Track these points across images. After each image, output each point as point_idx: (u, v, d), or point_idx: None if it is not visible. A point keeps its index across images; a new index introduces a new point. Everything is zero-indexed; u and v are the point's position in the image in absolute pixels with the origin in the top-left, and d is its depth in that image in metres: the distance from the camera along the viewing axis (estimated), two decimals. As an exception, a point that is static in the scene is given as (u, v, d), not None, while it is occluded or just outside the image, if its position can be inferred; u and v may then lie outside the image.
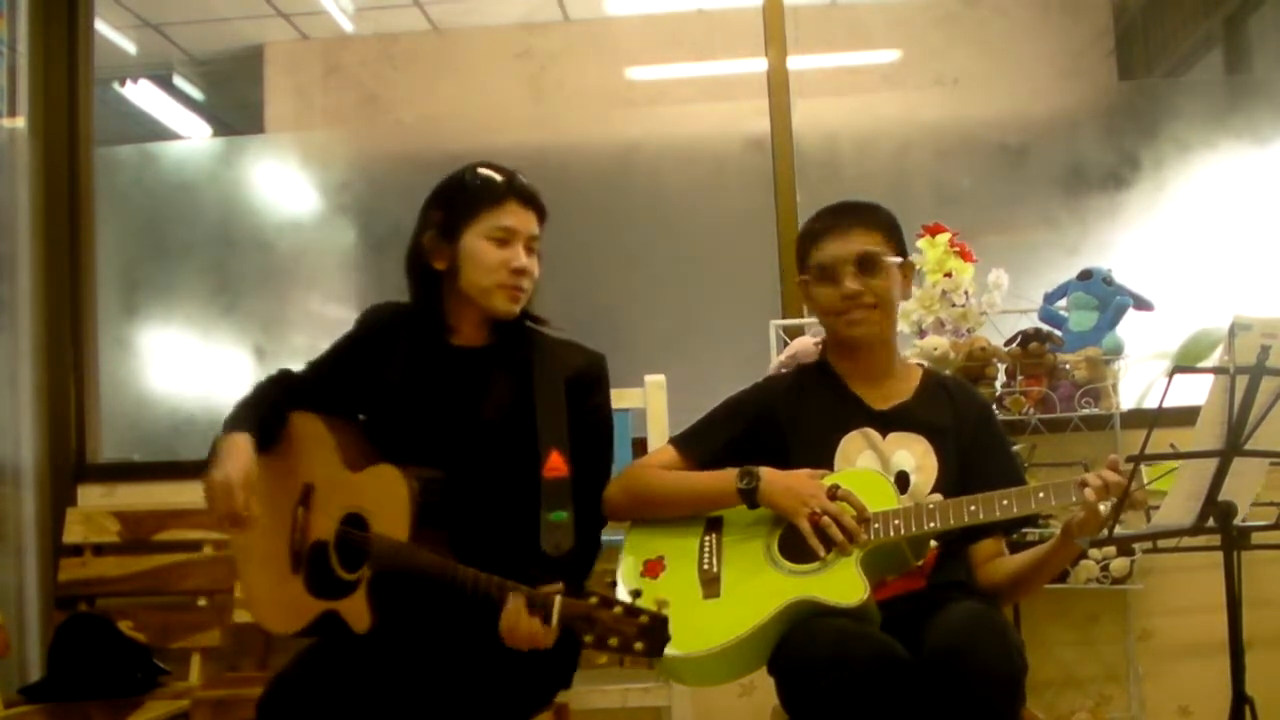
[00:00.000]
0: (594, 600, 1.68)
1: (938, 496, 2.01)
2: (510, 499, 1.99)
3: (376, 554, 1.93)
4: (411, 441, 2.03)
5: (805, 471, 2.00)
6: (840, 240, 2.10)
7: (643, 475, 2.14)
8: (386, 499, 1.94)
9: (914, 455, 2.07)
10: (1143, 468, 1.81)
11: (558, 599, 1.70)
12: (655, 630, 1.65)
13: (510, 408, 2.05)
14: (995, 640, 1.75)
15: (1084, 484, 1.84)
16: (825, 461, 2.06)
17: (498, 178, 2.07)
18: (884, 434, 2.09)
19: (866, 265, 2.08)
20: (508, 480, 2.00)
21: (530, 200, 2.07)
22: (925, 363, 2.71)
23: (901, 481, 2.03)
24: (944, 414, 2.12)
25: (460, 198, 2.06)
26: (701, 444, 2.15)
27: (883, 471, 2.04)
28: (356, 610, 1.92)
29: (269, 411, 2.11)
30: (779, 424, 2.13)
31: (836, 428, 2.10)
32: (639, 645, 1.65)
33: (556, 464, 1.96)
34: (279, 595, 2.07)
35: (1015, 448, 2.55)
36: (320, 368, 2.18)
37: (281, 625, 2.07)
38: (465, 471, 1.99)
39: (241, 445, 1.96)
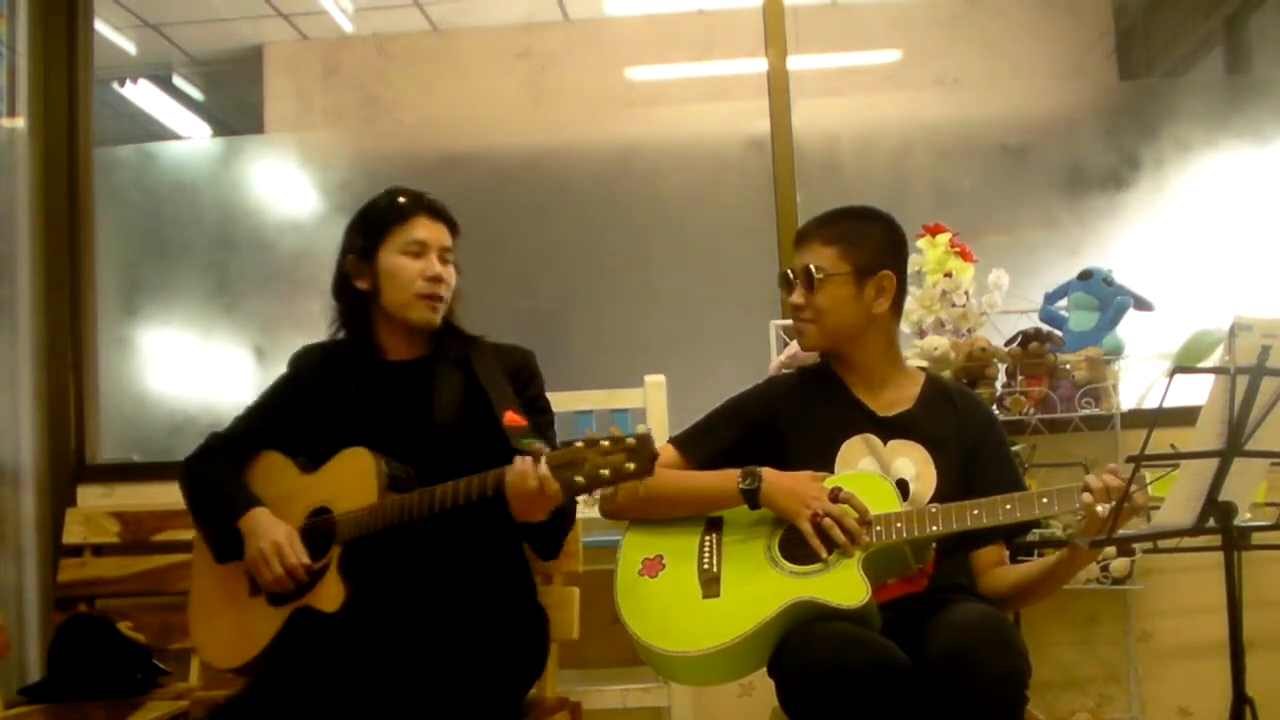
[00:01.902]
0: (580, 443, 1.75)
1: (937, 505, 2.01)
2: None
3: (341, 526, 1.97)
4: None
5: (807, 474, 2.00)
6: (798, 252, 2.14)
7: None
8: (351, 476, 1.99)
9: (914, 463, 2.07)
10: (1144, 470, 1.81)
11: (542, 447, 1.78)
12: (642, 448, 1.70)
13: (462, 404, 2.11)
14: (999, 643, 1.74)
15: (1086, 488, 1.84)
16: (826, 465, 2.05)
17: (405, 197, 2.18)
18: (885, 440, 2.09)
19: (807, 281, 2.10)
20: (472, 472, 1.98)
21: (439, 214, 2.19)
22: (926, 365, 2.71)
23: (901, 489, 2.03)
24: (947, 423, 2.12)
25: (374, 220, 2.17)
26: (702, 444, 2.15)
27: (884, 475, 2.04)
28: (327, 591, 1.94)
29: (243, 479, 2.17)
30: (780, 426, 2.13)
31: (838, 432, 2.10)
32: (630, 466, 1.70)
33: (514, 419, 2.02)
34: (239, 626, 2.08)
35: (1015, 448, 2.55)
36: (258, 417, 2.23)
37: (241, 655, 2.07)
38: (430, 472, 2.00)
39: (263, 515, 2.04)
